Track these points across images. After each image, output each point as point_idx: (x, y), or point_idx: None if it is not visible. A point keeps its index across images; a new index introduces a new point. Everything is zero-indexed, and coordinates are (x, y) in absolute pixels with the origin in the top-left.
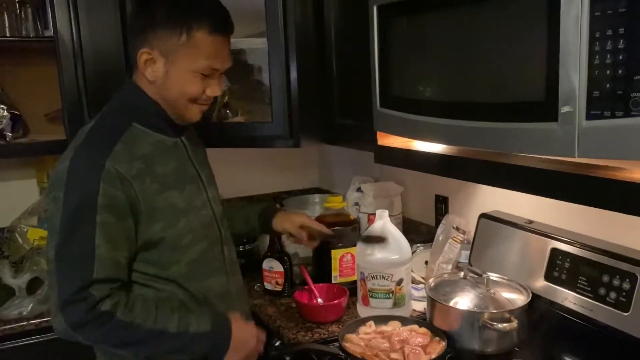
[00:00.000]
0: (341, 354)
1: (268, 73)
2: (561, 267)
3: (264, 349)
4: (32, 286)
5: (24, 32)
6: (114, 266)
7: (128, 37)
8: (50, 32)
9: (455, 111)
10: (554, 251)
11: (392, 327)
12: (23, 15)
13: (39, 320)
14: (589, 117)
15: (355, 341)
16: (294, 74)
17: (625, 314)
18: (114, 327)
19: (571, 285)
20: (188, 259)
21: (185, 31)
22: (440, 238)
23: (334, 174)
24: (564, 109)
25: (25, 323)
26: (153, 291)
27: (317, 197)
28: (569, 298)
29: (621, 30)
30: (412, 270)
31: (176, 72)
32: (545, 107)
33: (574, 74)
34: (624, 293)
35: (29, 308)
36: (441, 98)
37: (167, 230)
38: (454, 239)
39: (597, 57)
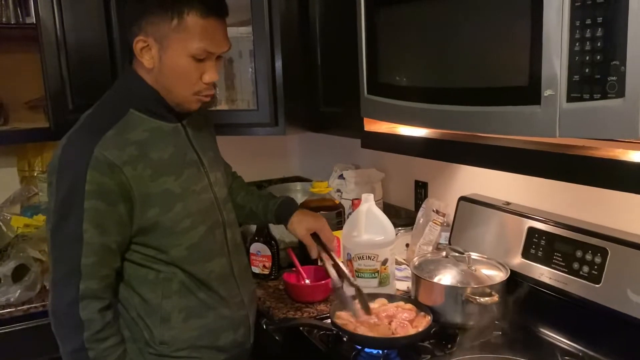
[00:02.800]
0: (333, 328)
1: (252, 61)
2: (537, 245)
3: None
4: (19, 273)
5: (4, 19)
6: (102, 250)
7: (124, 26)
8: (32, 19)
9: (441, 96)
10: (531, 230)
11: (379, 303)
12: (3, 2)
13: (27, 306)
14: (570, 99)
15: (345, 317)
16: (278, 62)
17: (597, 285)
18: (73, 336)
19: (547, 261)
20: (188, 243)
21: (177, 15)
22: (420, 221)
23: (315, 162)
24: (547, 93)
25: (13, 309)
26: (153, 272)
27: (298, 185)
28: (545, 273)
29: (599, 19)
30: (394, 253)
31: (170, 57)
32: (528, 91)
33: (556, 60)
34: (595, 267)
35: (16, 295)
36: (428, 84)
37: (162, 216)
38: (434, 221)
39: (577, 44)
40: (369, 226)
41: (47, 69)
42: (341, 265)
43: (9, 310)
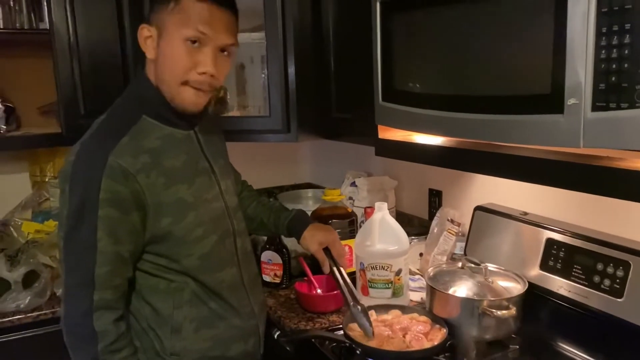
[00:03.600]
0: (346, 341)
1: (265, 67)
2: (556, 257)
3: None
4: (29, 279)
5: (17, 25)
6: (116, 259)
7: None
8: (45, 25)
9: (459, 104)
10: (549, 241)
11: (393, 315)
12: (17, 7)
13: (37, 313)
14: (595, 108)
15: (358, 329)
16: (291, 69)
17: (619, 300)
18: (87, 347)
19: (566, 273)
20: (200, 252)
21: None
22: (435, 230)
23: (326, 168)
24: (570, 101)
25: (22, 316)
26: (165, 282)
27: (309, 192)
28: (564, 286)
29: (627, 25)
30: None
31: (166, 42)
32: (551, 100)
33: (581, 67)
34: (617, 280)
35: (26, 301)
36: (445, 91)
37: (174, 225)
38: (449, 231)
39: (603, 52)
40: (383, 236)
41: (59, 75)
42: (349, 282)
43: (18, 317)
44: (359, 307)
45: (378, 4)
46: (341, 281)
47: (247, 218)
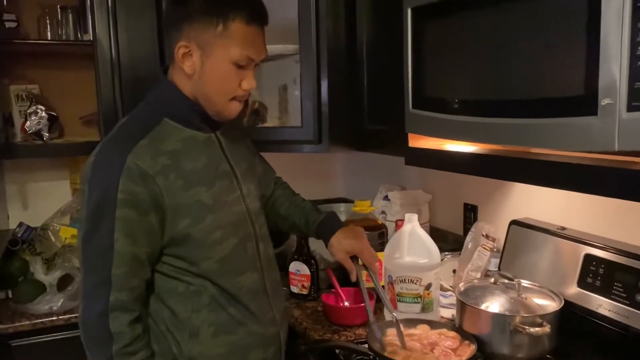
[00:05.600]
0: (370, 353)
1: (299, 80)
2: (595, 274)
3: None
4: (63, 282)
5: (64, 36)
6: (133, 261)
7: (164, 32)
8: (89, 37)
9: (490, 109)
10: (588, 257)
11: (421, 330)
12: (64, 21)
13: (69, 315)
14: (630, 108)
15: (382, 342)
16: (324, 81)
17: None
18: (103, 348)
19: (606, 291)
20: (219, 255)
21: (222, 21)
22: (469, 246)
23: (360, 183)
24: (604, 102)
25: (55, 318)
26: (183, 285)
27: (342, 207)
28: (603, 305)
29: None
30: (440, 278)
31: (212, 63)
32: (584, 101)
33: (615, 66)
34: None
35: (59, 304)
36: (476, 96)
37: (193, 227)
38: (484, 246)
39: (639, 49)
40: (412, 248)
41: (100, 86)
42: (380, 291)
43: (50, 319)
44: (393, 318)
45: (409, 11)
46: (367, 293)
47: (280, 218)
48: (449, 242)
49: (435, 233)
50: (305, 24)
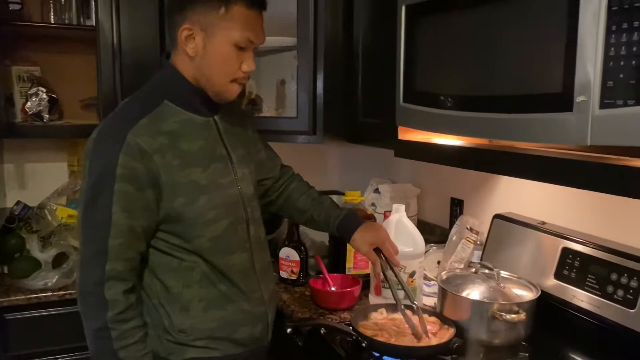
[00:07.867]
0: (353, 333)
1: (295, 72)
2: (571, 266)
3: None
4: (58, 260)
5: (66, 21)
6: (129, 233)
7: (167, 17)
8: (91, 22)
9: (476, 104)
10: (565, 250)
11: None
12: (67, 5)
13: (63, 292)
14: (602, 106)
15: (367, 325)
16: (320, 74)
17: (632, 311)
18: (98, 315)
19: (580, 283)
20: (211, 234)
21: (224, 4)
22: (453, 238)
23: (353, 176)
24: (579, 99)
25: (49, 294)
26: (176, 261)
27: (334, 199)
28: (577, 296)
29: (636, 23)
30: (424, 268)
31: (214, 45)
32: (562, 98)
33: (590, 65)
34: (631, 291)
35: (54, 280)
36: (463, 92)
37: (187, 207)
38: (467, 239)
39: (612, 49)
40: (399, 237)
41: (101, 70)
42: (403, 282)
43: (45, 294)
44: (414, 306)
45: (403, 7)
46: (393, 282)
47: (297, 211)
48: (435, 234)
49: (423, 226)
50: (304, 17)
